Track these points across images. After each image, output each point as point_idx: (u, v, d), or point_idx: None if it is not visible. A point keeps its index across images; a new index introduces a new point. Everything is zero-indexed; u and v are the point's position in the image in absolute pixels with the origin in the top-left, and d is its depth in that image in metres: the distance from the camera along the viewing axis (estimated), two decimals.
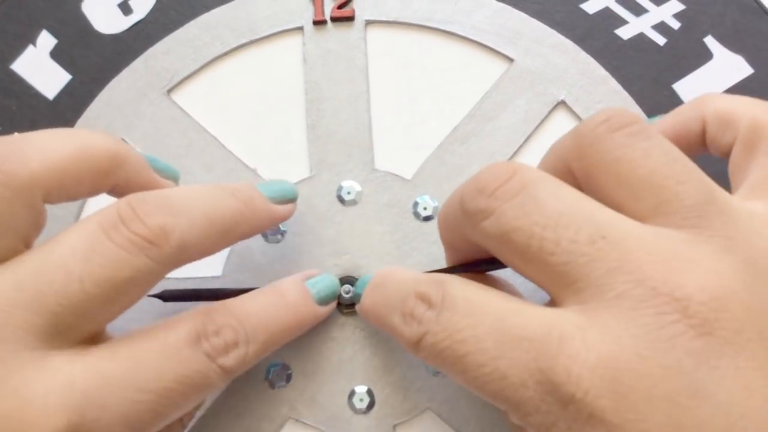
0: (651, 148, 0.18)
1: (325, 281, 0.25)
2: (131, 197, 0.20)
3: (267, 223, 0.24)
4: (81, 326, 0.19)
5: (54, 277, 0.18)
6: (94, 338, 0.20)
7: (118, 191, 0.22)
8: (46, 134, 0.20)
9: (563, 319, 0.17)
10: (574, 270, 0.17)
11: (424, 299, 0.19)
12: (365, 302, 0.23)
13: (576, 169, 0.19)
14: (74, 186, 0.20)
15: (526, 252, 0.18)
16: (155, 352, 0.19)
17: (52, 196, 0.20)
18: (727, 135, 0.22)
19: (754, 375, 0.16)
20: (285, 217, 0.25)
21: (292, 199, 0.25)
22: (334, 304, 0.26)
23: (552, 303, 0.19)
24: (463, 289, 0.19)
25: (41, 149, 0.19)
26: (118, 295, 0.19)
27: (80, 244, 0.19)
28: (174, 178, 0.24)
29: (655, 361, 0.16)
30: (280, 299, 0.23)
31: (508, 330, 0.17)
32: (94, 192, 0.21)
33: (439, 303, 0.19)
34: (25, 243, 0.20)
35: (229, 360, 0.21)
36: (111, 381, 0.18)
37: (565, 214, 0.17)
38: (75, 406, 0.18)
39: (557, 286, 0.18)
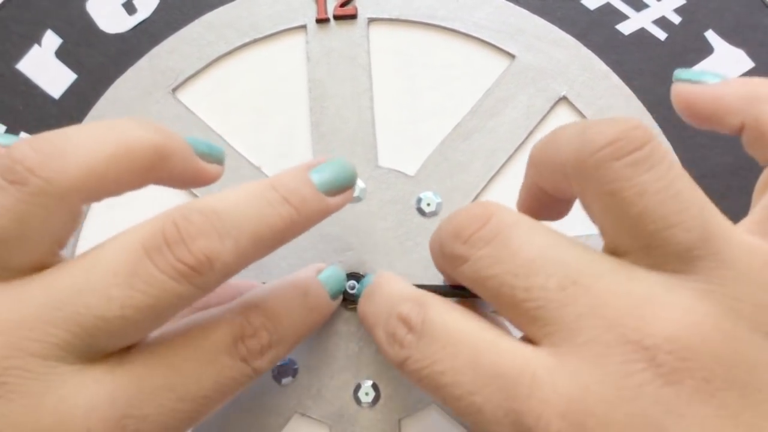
0: (648, 183, 0.17)
1: (336, 276, 0.25)
2: (176, 214, 0.18)
3: (318, 221, 0.22)
4: (117, 344, 0.19)
5: (94, 301, 0.18)
6: (130, 346, 0.20)
7: (163, 182, 0.21)
8: (85, 131, 0.19)
9: (536, 360, 0.17)
10: (546, 314, 0.17)
11: (405, 322, 0.20)
12: (359, 309, 0.24)
13: (572, 179, 0.19)
14: (115, 186, 0.19)
15: (499, 297, 0.18)
16: (194, 361, 0.19)
17: (92, 197, 0.19)
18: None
19: (723, 423, 0.16)
20: (339, 208, 0.22)
21: (349, 186, 0.22)
22: (341, 297, 0.26)
23: (526, 338, 0.19)
24: (443, 315, 0.19)
25: (81, 150, 0.18)
26: (158, 318, 0.19)
27: (122, 267, 0.18)
28: (219, 160, 0.23)
29: (622, 409, 0.16)
30: (304, 299, 0.23)
31: (483, 366, 0.18)
32: (137, 188, 0.20)
33: (419, 328, 0.19)
34: (59, 244, 0.19)
35: (264, 362, 0.21)
36: (150, 390, 0.18)
37: (536, 261, 0.18)
38: (116, 419, 0.18)
39: (531, 327, 0.18)
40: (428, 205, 0.28)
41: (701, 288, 0.17)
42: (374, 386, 0.27)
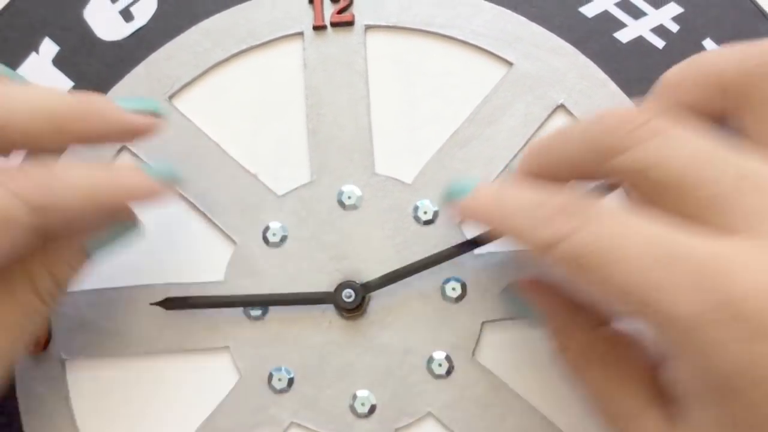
0: None
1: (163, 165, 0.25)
2: None
3: (115, 127, 0.23)
4: None
5: None
6: None
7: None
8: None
9: (725, 242, 0.17)
10: (724, 203, 0.17)
11: (573, 205, 0.19)
12: (481, 197, 0.22)
13: (732, 91, 0.19)
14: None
15: (665, 187, 0.18)
16: None
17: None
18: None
19: None
20: (141, 129, 0.23)
21: (153, 113, 0.24)
22: (174, 186, 0.25)
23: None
24: (612, 207, 0.19)
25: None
26: None
27: None
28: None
29: None
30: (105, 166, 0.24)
31: (667, 246, 0.17)
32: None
33: (588, 212, 0.19)
34: None
35: (34, 193, 0.20)
36: None
37: (707, 154, 0.18)
38: None
39: (703, 216, 0.18)
40: (425, 213, 0.28)
41: None
42: (370, 396, 0.27)
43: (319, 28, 0.30)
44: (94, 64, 0.31)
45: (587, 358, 0.22)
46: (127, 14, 0.31)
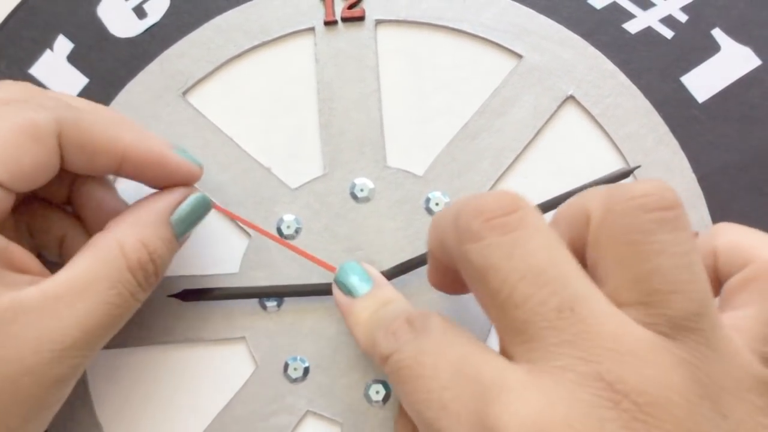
0: (668, 244, 0.18)
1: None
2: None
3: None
4: None
5: None
6: None
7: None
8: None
9: (510, 372, 0.18)
10: (531, 330, 0.18)
11: (410, 324, 0.21)
12: (362, 318, 0.24)
13: (593, 223, 0.19)
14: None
15: (494, 295, 0.18)
16: None
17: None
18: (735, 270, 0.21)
19: None
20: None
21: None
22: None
23: (501, 348, 0.19)
24: (445, 323, 0.20)
25: None
26: None
27: None
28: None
29: None
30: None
31: (464, 367, 0.19)
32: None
33: (420, 329, 0.20)
34: None
35: (60, 111, 0.23)
36: None
37: (547, 273, 0.18)
38: None
39: (511, 337, 0.18)
40: (437, 204, 0.29)
41: (682, 357, 0.17)
42: (385, 384, 0.27)
43: (330, 23, 0.31)
44: (108, 61, 0.31)
45: None
46: (140, 11, 0.31)
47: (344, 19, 0.31)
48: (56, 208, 0.26)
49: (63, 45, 0.31)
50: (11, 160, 0.22)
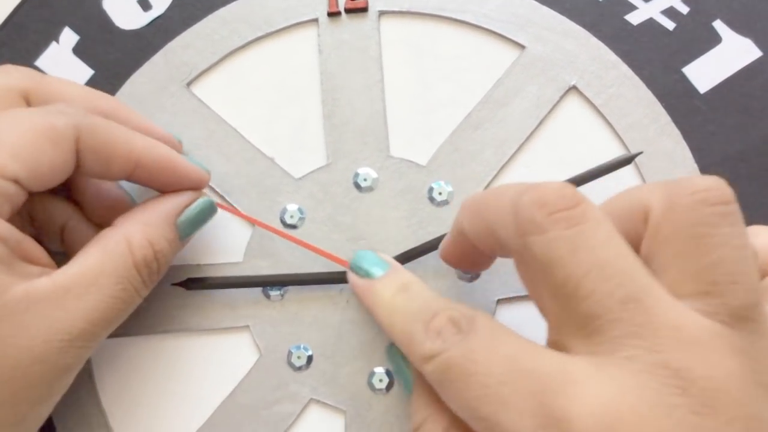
0: (729, 237, 0.18)
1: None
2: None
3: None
4: None
5: None
6: None
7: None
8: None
9: (572, 364, 0.18)
10: (596, 323, 0.18)
11: (455, 324, 0.20)
12: (385, 298, 0.24)
13: (653, 216, 0.19)
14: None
15: (558, 288, 0.18)
16: None
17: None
18: None
19: None
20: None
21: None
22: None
23: (553, 341, 0.19)
24: (491, 322, 0.20)
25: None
26: None
27: None
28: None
29: (652, 424, 0.16)
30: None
31: (519, 363, 0.18)
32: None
33: (467, 330, 0.20)
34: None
35: (78, 117, 0.24)
36: None
37: (611, 267, 0.18)
38: None
39: (572, 330, 0.18)
40: (440, 194, 0.29)
41: (741, 346, 0.18)
42: (388, 373, 0.27)
43: (333, 14, 0.31)
44: (114, 53, 0.31)
45: None
46: (145, 3, 0.32)
47: (347, 10, 0.31)
48: (56, 197, 0.26)
49: (69, 37, 0.32)
50: (31, 160, 0.22)
